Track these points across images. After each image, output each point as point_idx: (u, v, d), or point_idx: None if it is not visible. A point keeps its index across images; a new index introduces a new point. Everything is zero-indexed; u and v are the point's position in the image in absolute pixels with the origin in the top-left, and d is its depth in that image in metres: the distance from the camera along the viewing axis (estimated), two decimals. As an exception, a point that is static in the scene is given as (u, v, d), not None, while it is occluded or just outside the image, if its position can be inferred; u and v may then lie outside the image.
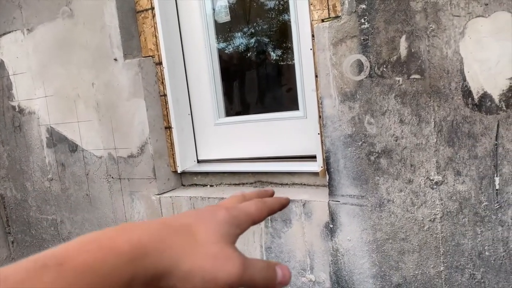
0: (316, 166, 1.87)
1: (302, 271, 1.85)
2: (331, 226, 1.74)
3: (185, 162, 2.31)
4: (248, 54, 2.30)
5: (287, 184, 2.07)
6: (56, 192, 2.66)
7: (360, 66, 1.58)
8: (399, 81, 1.52)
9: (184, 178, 2.39)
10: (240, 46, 2.30)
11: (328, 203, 1.73)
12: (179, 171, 2.29)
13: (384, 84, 1.54)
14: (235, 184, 2.22)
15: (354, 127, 1.62)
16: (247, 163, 2.20)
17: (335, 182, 1.70)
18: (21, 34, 2.60)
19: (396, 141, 1.55)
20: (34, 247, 2.89)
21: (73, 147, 2.51)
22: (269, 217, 1.85)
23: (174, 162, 2.29)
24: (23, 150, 2.77)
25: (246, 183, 2.19)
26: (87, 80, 2.35)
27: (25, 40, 2.58)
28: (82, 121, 2.43)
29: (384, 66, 1.54)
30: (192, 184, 2.37)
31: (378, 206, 1.62)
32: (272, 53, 2.24)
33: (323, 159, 1.84)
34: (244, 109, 2.37)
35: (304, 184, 2.02)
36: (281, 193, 1.95)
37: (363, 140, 1.61)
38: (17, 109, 2.73)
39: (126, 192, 2.34)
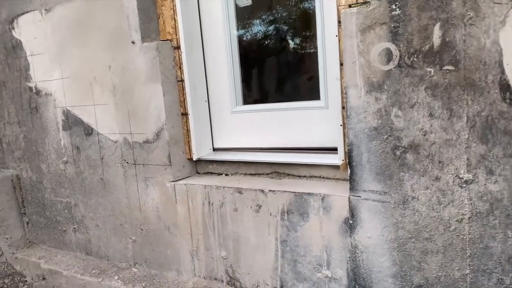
0: (337, 159, 1.80)
1: (318, 266, 1.80)
2: (351, 222, 1.67)
3: (201, 150, 2.26)
4: (269, 41, 2.22)
5: (304, 176, 2.00)
6: (71, 175, 2.65)
7: (389, 55, 1.49)
8: (430, 72, 1.43)
9: (199, 166, 2.34)
10: (260, 32, 2.22)
11: (349, 198, 1.66)
12: (194, 159, 2.24)
13: (414, 75, 1.45)
14: (251, 174, 2.17)
15: (380, 120, 1.54)
16: (264, 153, 2.14)
17: (357, 177, 1.63)
18: (39, 14, 2.56)
19: (425, 135, 1.46)
20: (49, 229, 2.90)
21: (89, 131, 2.48)
22: (285, 210, 1.79)
23: (190, 149, 2.25)
24: (39, 132, 2.76)
25: (262, 174, 2.13)
26: (104, 63, 2.31)
27: (43, 20, 2.55)
28: (98, 105, 2.40)
29: (415, 55, 1.44)
30: (207, 172, 2.32)
31: (401, 203, 1.55)
32: (293, 40, 2.15)
33: (345, 152, 1.76)
34: (263, 98, 2.29)
35: (323, 177, 1.95)
36: (299, 185, 1.89)
37: (389, 134, 1.53)
38: (34, 90, 2.71)
39: (141, 178, 2.31)
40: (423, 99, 1.45)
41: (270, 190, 1.86)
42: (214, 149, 2.34)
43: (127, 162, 2.34)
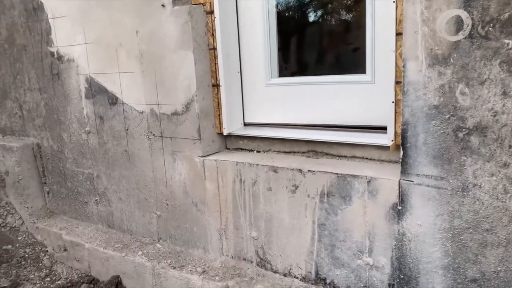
0: (386, 139, 1.65)
1: (358, 253, 1.68)
2: (399, 208, 1.54)
3: (232, 124, 2.13)
4: (310, 6, 2.04)
5: (345, 156, 1.86)
6: (93, 145, 2.55)
7: (458, 23, 1.31)
8: (508, 44, 1.25)
9: (229, 141, 2.22)
10: (299, -2, 2.04)
11: (399, 182, 1.52)
12: (224, 134, 2.11)
13: (487, 47, 1.28)
14: (285, 152, 2.03)
15: (443, 97, 1.38)
16: (300, 130, 1.99)
17: (411, 159, 1.48)
18: (62, -27, 2.40)
19: (494, 116, 1.30)
20: (70, 200, 2.84)
21: (113, 100, 2.36)
22: (325, 191, 1.67)
23: (220, 123, 2.11)
24: (61, 100, 2.65)
25: (298, 152, 2.00)
26: (131, 27, 2.16)
27: (66, -20, 2.39)
28: (123, 72, 2.27)
29: (491, 25, 1.27)
30: (237, 149, 2.19)
31: (460, 190, 1.40)
32: (337, 5, 1.97)
33: (395, 132, 1.61)
34: (301, 70, 2.13)
35: (366, 158, 1.81)
36: (340, 166, 1.75)
37: (451, 113, 1.37)
38: (55, 56, 2.58)
39: (168, 151, 2.20)
40: (496, 75, 1.28)
41: (309, 170, 1.73)
42: (245, 124, 2.20)
43: (154, 135, 2.23)
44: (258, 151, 2.12)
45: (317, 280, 1.82)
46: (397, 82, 1.58)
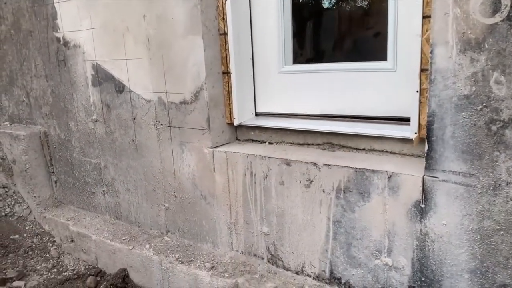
0: (408, 132, 1.53)
1: (376, 252, 1.58)
2: (423, 206, 1.43)
3: (243, 114, 2.02)
4: (327, -11, 1.91)
5: (363, 149, 1.75)
6: (100, 134, 2.48)
7: (495, 4, 1.18)
8: (552, 27, 1.12)
9: (240, 132, 2.11)
10: (316, -20, 1.91)
11: (423, 179, 1.41)
12: (235, 124, 2.01)
13: (528, 31, 1.15)
14: (299, 144, 1.93)
15: (475, 86, 1.25)
16: (315, 121, 1.88)
17: (436, 154, 1.36)
18: (67, -45, 2.31)
19: (534, 108, 1.18)
20: (77, 190, 2.78)
21: (120, 88, 2.27)
22: (341, 187, 1.56)
23: (230, 113, 2.01)
24: (67, 87, 2.57)
25: (312, 144, 1.89)
26: (138, 12, 2.06)
27: (71, -38, 2.30)
28: (130, 59, 2.17)
29: (533, 5, 1.13)
30: (248, 140, 2.09)
31: (492, 188, 1.28)
32: (356, -11, 1.84)
33: (419, 124, 1.49)
34: (317, 56, 2.01)
35: (386, 152, 1.69)
36: (358, 160, 1.64)
37: (484, 104, 1.24)
38: (61, 41, 2.50)
39: (176, 142, 2.11)
40: (538, 62, 1.15)
41: (324, 164, 1.63)
42: (257, 114, 2.10)
43: (162, 124, 2.14)
44: (270, 143, 2.01)
45: (332, 280, 1.73)
46: (422, 70, 1.45)
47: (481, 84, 1.24)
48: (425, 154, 1.39)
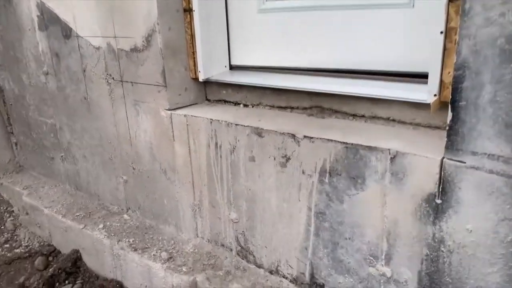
0: (425, 93, 1.06)
1: (371, 258, 1.16)
2: (439, 201, 0.98)
3: (211, 67, 1.57)
4: None
5: (363, 116, 1.29)
6: (52, 90, 2.07)
7: None
8: None
9: (210, 90, 1.67)
10: None
11: (442, 163, 0.95)
12: (201, 79, 1.56)
13: None
14: (280, 108, 1.48)
15: (538, 20, 0.77)
16: (302, 77, 1.42)
17: (465, 127, 0.90)
18: None
19: None
20: (36, 154, 2.42)
21: (67, 32, 1.83)
22: (327, 168, 1.13)
23: (195, 64, 1.56)
24: (15, 32, 2.14)
25: (297, 108, 1.43)
26: None
27: None
28: (74, -6, 1.72)
29: None
30: (220, 100, 1.65)
31: (549, 184, 0.83)
32: None
33: (441, 81, 1.02)
34: (308, -11, 1.51)
35: (394, 120, 1.23)
36: (352, 131, 1.19)
37: (552, 50, 0.76)
38: (1, -26, 2.05)
39: (130, 101, 1.68)
40: None
41: (305, 137, 1.18)
42: (232, 67, 1.64)
43: (113, 78, 1.71)
44: (245, 105, 1.57)
45: (312, 285, 1.33)
46: (450, 1, 0.96)
47: (549, 15, 0.75)
48: (447, 127, 0.93)
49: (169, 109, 1.54)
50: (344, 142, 1.11)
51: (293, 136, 1.21)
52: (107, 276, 1.80)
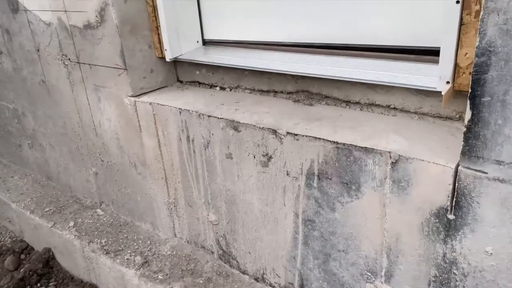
0: (434, 78, 0.84)
1: (368, 274, 0.99)
2: (451, 217, 0.80)
3: (180, 43, 1.33)
4: None
5: (358, 103, 1.07)
6: (9, 71, 1.83)
7: None
8: None
9: (181, 70, 1.44)
10: None
11: (457, 171, 0.76)
12: (168, 59, 1.32)
13: None
14: (262, 92, 1.26)
15: None
16: (287, 55, 1.19)
17: (487, 129, 0.70)
18: None
19: None
20: (3, 140, 2.21)
21: (14, 5, 1.57)
22: (314, 170, 0.93)
23: (160, 41, 1.32)
24: (-38, 6, 1.87)
25: (282, 92, 1.21)
26: None
27: None
28: (15, -41, 1.45)
29: None
30: (194, 82, 1.42)
31: None
32: None
33: (456, 64, 0.80)
34: None
35: (395, 109, 1.02)
36: (343, 124, 0.98)
37: None
38: None
39: (90, 86, 1.46)
40: None
41: (289, 133, 0.98)
42: (205, 42, 1.40)
43: (69, 59, 1.47)
44: (222, 88, 1.35)
45: (302, 296, 1.18)
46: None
47: None
48: (465, 128, 0.72)
49: (132, 96, 1.32)
50: (334, 142, 0.91)
51: (275, 132, 1.00)
52: (82, 277, 1.65)
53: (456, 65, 0.81)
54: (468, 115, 0.71)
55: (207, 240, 1.37)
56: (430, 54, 0.91)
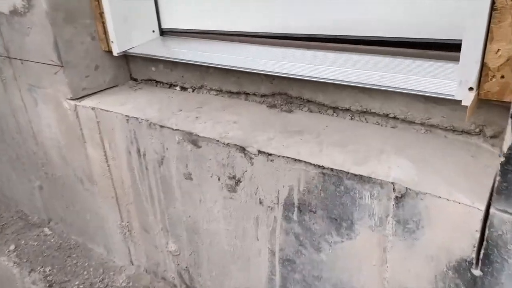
0: (451, 82, 0.63)
1: (362, 329, 0.78)
2: (477, 273, 0.59)
3: (131, 34, 1.08)
4: None
5: (348, 110, 0.85)
6: None
7: None
8: None
9: (135, 66, 1.19)
10: None
11: (488, 214, 0.55)
12: (116, 53, 1.08)
13: None
14: (231, 93, 1.02)
15: None
16: (260, 48, 0.96)
17: (542, 165, 0.48)
18: None
19: None
20: None
21: None
22: (294, 200, 0.71)
23: (106, 31, 1.07)
24: None
25: (254, 95, 0.98)
26: None
27: None
28: None
29: None
30: (150, 80, 1.18)
31: None
32: None
33: (483, 64, 0.59)
34: None
35: (396, 118, 0.80)
36: (333, 138, 0.76)
37: None
38: None
39: (24, 85, 1.20)
40: None
41: (261, 152, 0.75)
42: (164, 32, 1.16)
43: (-2, 53, 1.21)
44: (183, 88, 1.11)
45: None
46: None
47: None
48: (504, 158, 0.51)
49: (72, 99, 1.08)
50: (319, 166, 0.69)
51: (243, 149, 0.78)
52: (25, 309, 1.41)
53: (483, 65, 0.60)
54: (509, 139, 0.50)
55: (168, 272, 1.15)
56: (446, 49, 0.70)
